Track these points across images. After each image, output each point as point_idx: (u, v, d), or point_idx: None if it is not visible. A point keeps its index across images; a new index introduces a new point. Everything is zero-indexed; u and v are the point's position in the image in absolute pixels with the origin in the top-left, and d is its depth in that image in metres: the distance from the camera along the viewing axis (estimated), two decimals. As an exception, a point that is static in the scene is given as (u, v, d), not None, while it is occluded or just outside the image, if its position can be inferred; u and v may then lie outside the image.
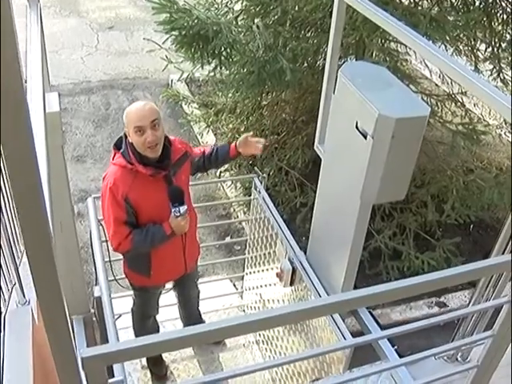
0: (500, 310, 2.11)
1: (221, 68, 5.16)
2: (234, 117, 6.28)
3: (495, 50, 5.60)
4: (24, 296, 2.95)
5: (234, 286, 5.15)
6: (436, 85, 7.57)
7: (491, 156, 7.09)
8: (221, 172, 6.16)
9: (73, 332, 1.34)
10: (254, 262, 4.45)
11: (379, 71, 2.93)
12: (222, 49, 4.83)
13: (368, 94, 2.61)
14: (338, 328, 3.12)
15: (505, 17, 5.48)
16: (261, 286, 4.38)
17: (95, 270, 3.43)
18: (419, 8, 5.21)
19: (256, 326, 1.76)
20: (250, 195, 4.38)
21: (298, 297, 3.70)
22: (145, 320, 3.99)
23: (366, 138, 2.62)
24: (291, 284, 3.66)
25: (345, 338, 3.08)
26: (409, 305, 5.44)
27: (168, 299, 4.20)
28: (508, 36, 5.55)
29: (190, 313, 4.35)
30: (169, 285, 4.04)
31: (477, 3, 5.43)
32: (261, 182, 4.09)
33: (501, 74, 5.68)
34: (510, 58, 5.63)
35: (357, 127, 2.69)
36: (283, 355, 4.01)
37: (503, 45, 5.60)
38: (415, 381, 2.78)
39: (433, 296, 5.55)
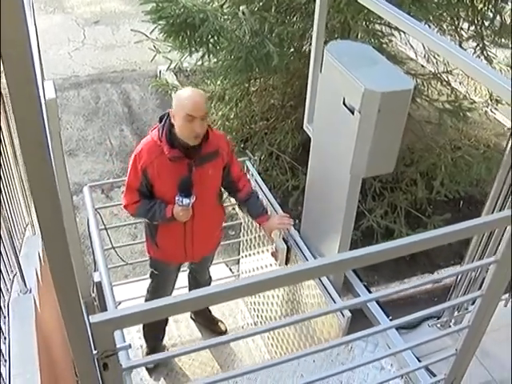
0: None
1: (209, 55, 5.20)
2: (223, 104, 6.33)
3: (478, 28, 5.68)
4: (25, 285, 3.03)
5: (230, 270, 5.21)
6: (422, 66, 7.65)
7: (479, 134, 7.18)
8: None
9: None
10: (248, 245, 4.53)
11: (364, 49, 3.01)
12: (209, 36, 4.89)
13: (354, 71, 2.69)
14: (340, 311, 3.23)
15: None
16: (257, 269, 4.44)
17: (93, 257, 3.50)
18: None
19: (254, 289, 1.84)
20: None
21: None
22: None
23: (353, 113, 2.70)
24: (286, 263, 3.74)
25: (343, 316, 3.18)
26: (403, 281, 5.52)
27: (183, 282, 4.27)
28: (490, 14, 5.62)
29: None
30: (184, 268, 4.14)
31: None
32: (253, 165, 4.17)
33: (484, 52, 5.78)
34: (492, 36, 5.72)
35: (344, 103, 2.77)
36: (282, 336, 4.09)
37: (486, 23, 5.69)
38: (407, 343, 2.87)
39: (426, 272, 5.64)
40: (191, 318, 4.64)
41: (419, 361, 3.04)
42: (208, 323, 4.57)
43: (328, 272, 2.61)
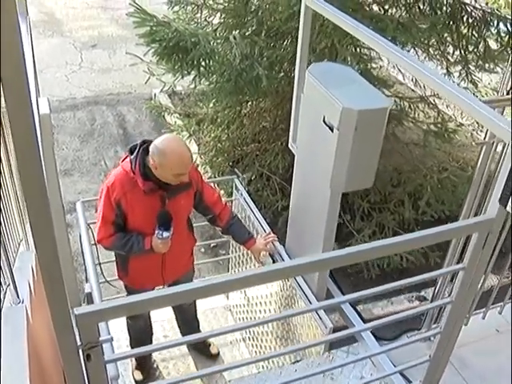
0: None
1: (200, 78, 5.35)
2: (215, 126, 6.47)
3: (462, 52, 5.84)
4: (18, 296, 3.13)
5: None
6: (412, 90, 7.81)
7: (467, 156, 7.31)
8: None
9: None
10: (237, 261, 4.64)
11: (344, 70, 3.17)
12: (201, 59, 5.04)
13: (333, 90, 2.84)
14: (323, 323, 3.34)
15: (470, 20, 5.72)
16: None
17: (85, 269, 3.58)
18: (388, 14, 5.46)
19: (237, 285, 1.96)
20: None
21: (283, 296, 3.89)
22: (135, 319, 4.07)
23: (332, 130, 2.84)
24: (273, 277, 3.85)
25: (326, 327, 3.29)
26: (390, 300, 5.62)
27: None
28: (474, 39, 5.79)
29: (184, 318, 4.45)
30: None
31: (444, 8, 5.69)
32: (241, 183, 4.30)
33: (470, 76, 5.94)
34: (477, 61, 5.89)
35: (324, 121, 2.91)
36: (268, 350, 4.19)
37: (470, 48, 5.85)
38: (381, 342, 3.00)
39: (413, 291, 5.73)
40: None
41: (404, 377, 3.16)
42: (200, 346, 4.52)
43: (306, 271, 2.70)
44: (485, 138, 2.77)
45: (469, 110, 2.21)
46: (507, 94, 2.67)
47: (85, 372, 1.66)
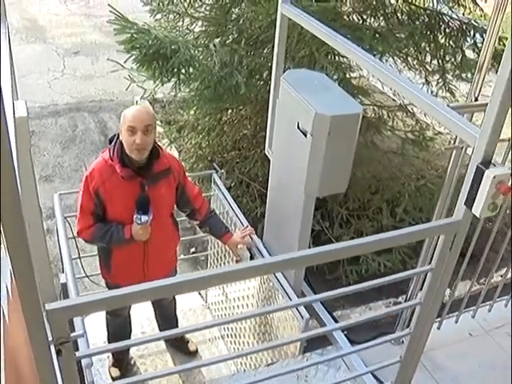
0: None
1: (179, 85, 5.38)
2: (196, 133, 6.52)
3: (440, 61, 5.93)
4: (-6, 297, 3.15)
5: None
6: (393, 99, 7.89)
7: (445, 164, 7.35)
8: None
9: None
10: (216, 258, 4.66)
11: (318, 77, 3.23)
12: (181, 66, 5.07)
13: (307, 96, 2.90)
14: (299, 313, 3.37)
15: (447, 30, 5.82)
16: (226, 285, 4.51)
17: (61, 260, 3.58)
18: (366, 23, 5.54)
19: (215, 280, 2.00)
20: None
21: (262, 292, 3.92)
22: (114, 316, 4.06)
23: (306, 136, 2.90)
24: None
25: (302, 317, 3.33)
26: (368, 305, 5.67)
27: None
28: (451, 48, 5.88)
29: (164, 315, 4.45)
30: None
31: (421, 18, 5.78)
32: (220, 178, 4.36)
33: (447, 85, 6.03)
34: (454, 70, 5.98)
35: (298, 127, 2.97)
36: (247, 347, 4.21)
37: (448, 57, 5.94)
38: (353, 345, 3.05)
39: (391, 297, 5.79)
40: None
41: (373, 376, 3.22)
42: (179, 343, 4.53)
43: (283, 268, 2.75)
44: (454, 143, 2.84)
45: (435, 115, 2.28)
46: (475, 100, 2.74)
47: (58, 368, 1.70)
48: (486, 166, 2.00)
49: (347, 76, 5.54)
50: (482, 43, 2.85)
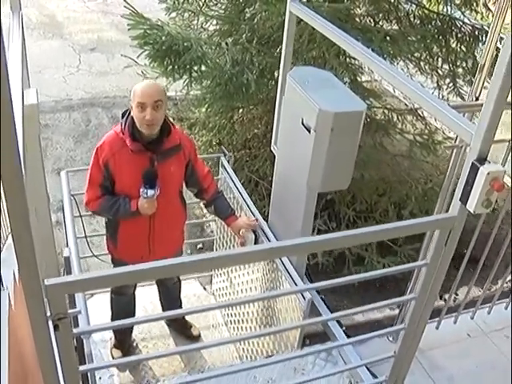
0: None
1: (191, 82, 5.43)
2: (207, 131, 6.57)
3: (451, 66, 5.96)
4: (2, 284, 3.21)
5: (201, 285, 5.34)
6: (405, 104, 7.91)
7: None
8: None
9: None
10: (222, 242, 4.68)
11: (324, 75, 3.28)
12: (192, 63, 5.12)
13: (311, 93, 2.95)
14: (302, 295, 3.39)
15: (459, 35, 5.85)
16: (231, 271, 4.55)
17: (66, 236, 3.61)
18: (378, 26, 5.58)
19: (216, 263, 2.05)
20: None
21: (267, 277, 3.94)
22: (119, 296, 4.07)
23: (310, 132, 2.95)
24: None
25: (304, 299, 3.36)
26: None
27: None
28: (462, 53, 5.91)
29: (168, 297, 4.43)
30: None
31: (433, 22, 5.82)
32: (228, 161, 4.38)
33: (457, 90, 6.06)
34: (465, 75, 6.01)
35: (303, 123, 3.02)
36: (248, 330, 4.23)
37: (458, 62, 5.97)
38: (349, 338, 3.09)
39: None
40: (166, 323, 4.59)
41: (371, 373, 3.25)
42: (182, 328, 4.52)
43: (288, 253, 2.79)
44: (455, 142, 2.88)
45: (434, 112, 2.32)
46: (476, 99, 2.78)
47: (55, 344, 1.75)
48: (481, 162, 2.03)
49: (358, 79, 5.58)
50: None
